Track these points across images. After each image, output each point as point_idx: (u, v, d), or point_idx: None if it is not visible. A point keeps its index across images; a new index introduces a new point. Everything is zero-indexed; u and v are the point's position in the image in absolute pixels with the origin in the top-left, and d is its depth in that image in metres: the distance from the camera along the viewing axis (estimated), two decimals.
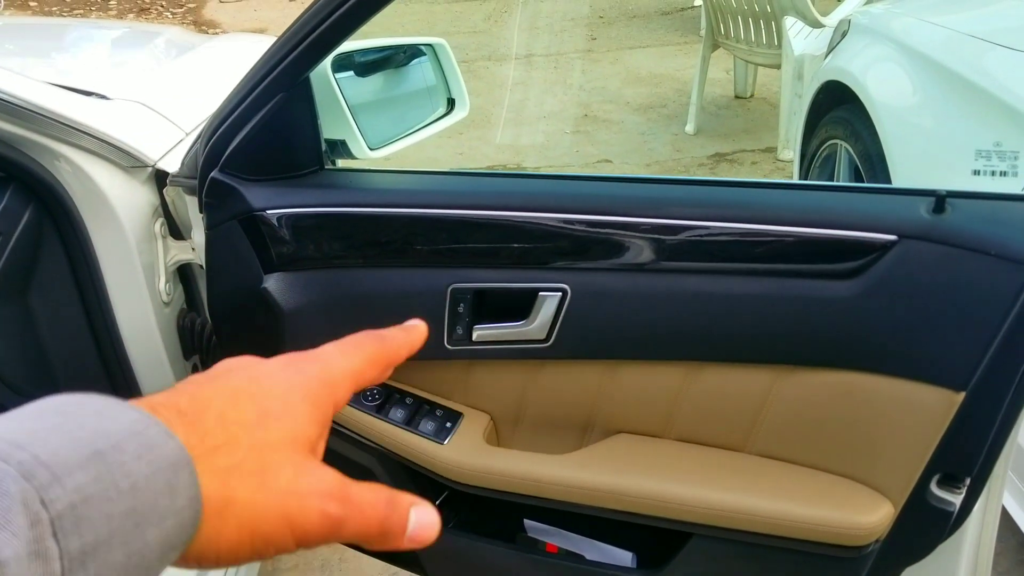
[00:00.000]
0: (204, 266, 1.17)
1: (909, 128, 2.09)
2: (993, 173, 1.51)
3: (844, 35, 2.57)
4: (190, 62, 1.87)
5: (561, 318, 0.98)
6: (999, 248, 0.78)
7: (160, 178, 1.31)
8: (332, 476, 0.41)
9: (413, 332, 0.53)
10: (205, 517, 0.36)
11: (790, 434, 0.96)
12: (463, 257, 1.01)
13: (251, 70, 1.01)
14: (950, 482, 0.94)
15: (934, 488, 0.94)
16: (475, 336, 1.04)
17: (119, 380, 1.40)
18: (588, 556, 1.20)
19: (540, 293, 0.98)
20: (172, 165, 1.29)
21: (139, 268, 1.31)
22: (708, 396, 0.99)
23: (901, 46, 2.24)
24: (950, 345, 0.83)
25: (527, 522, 1.24)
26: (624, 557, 1.19)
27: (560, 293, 0.97)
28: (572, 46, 6.05)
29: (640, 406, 1.04)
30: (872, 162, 2.20)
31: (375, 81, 1.35)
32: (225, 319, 1.16)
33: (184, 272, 1.41)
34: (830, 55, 2.61)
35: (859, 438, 0.92)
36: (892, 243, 0.83)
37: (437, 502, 1.26)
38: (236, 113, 1.03)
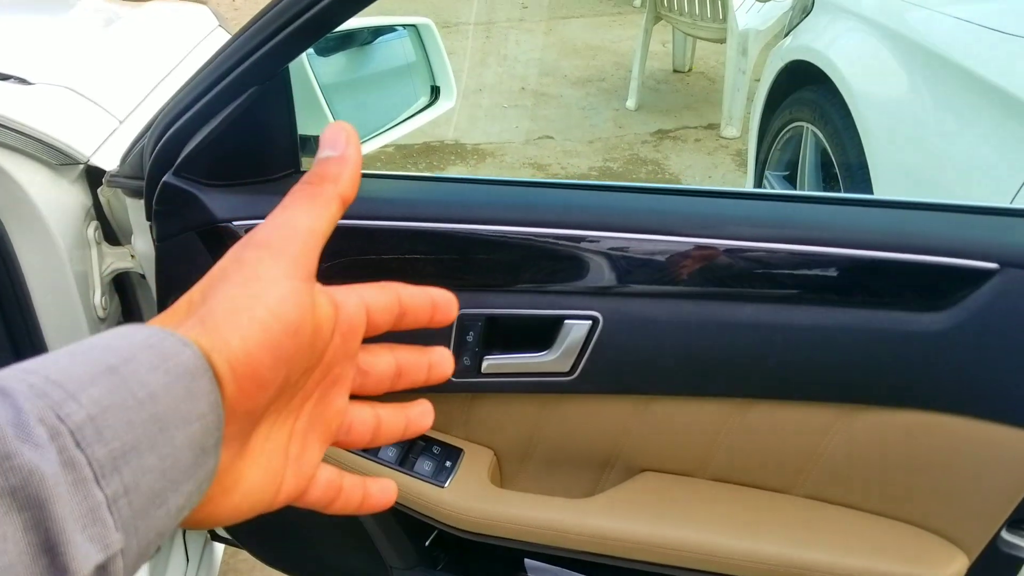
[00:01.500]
0: (153, 283, 1.01)
1: (887, 110, 2.02)
2: None
3: (806, 13, 2.49)
4: (116, 35, 1.66)
5: (591, 349, 0.85)
6: None
7: (93, 176, 1.12)
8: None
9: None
10: (224, 380, 0.37)
11: (849, 477, 0.86)
12: (473, 278, 0.87)
13: (216, 57, 0.84)
14: (1021, 525, 0.86)
15: (1004, 534, 0.85)
16: (484, 367, 0.90)
17: None
18: None
19: (566, 321, 0.85)
20: (107, 161, 1.11)
21: (71, 279, 1.13)
22: (754, 435, 0.87)
23: (873, 24, 2.16)
24: None
25: (528, 562, 1.12)
26: None
27: (590, 321, 0.84)
28: (503, 14, 5.87)
29: (671, 444, 0.92)
30: (844, 145, 2.12)
31: (338, 62, 1.19)
32: None
33: (120, 282, 1.23)
34: (792, 34, 2.52)
35: (934, 484, 0.82)
36: (992, 272, 0.73)
37: (426, 543, 1.12)
38: (196, 108, 0.86)
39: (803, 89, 2.38)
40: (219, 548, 1.51)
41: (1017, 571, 0.87)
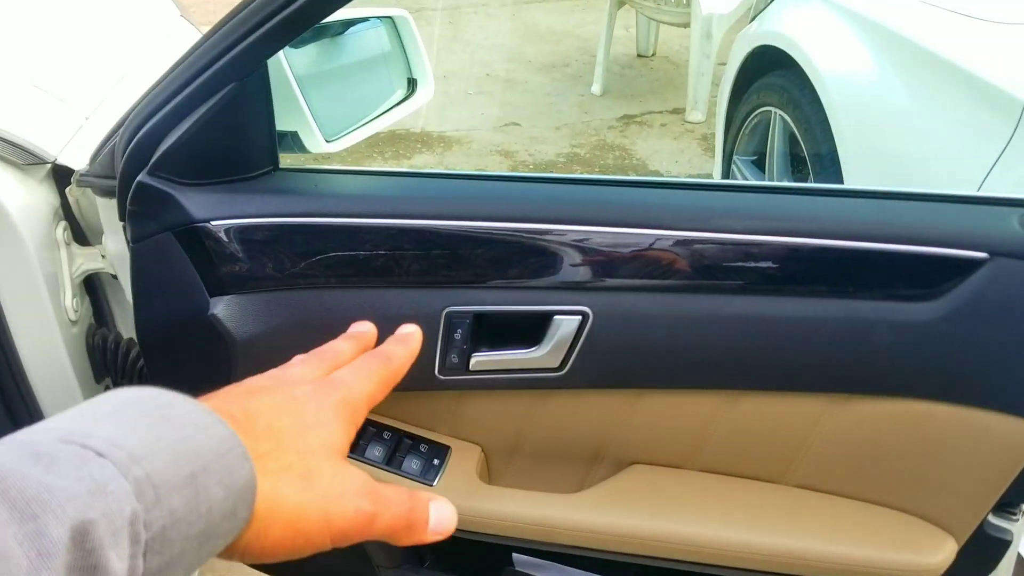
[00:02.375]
0: (126, 283, 0.98)
1: (855, 95, 2.03)
2: None
3: None
4: (77, 29, 1.61)
5: (580, 344, 0.85)
6: None
7: (61, 175, 1.09)
8: (363, 476, 0.45)
9: (411, 342, 0.57)
10: (255, 518, 0.39)
11: (839, 466, 0.86)
12: (461, 275, 0.86)
13: (192, 53, 0.82)
14: (1006, 509, 0.87)
15: (991, 518, 0.87)
16: (472, 364, 0.89)
17: (20, 409, 1.18)
18: None
19: (555, 316, 0.84)
20: (74, 159, 1.08)
21: (40, 281, 1.10)
22: (744, 426, 0.88)
23: (841, 9, 2.17)
24: None
25: (516, 556, 1.11)
26: None
27: (580, 316, 0.84)
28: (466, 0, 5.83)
29: (661, 437, 0.92)
30: (813, 130, 2.14)
31: (311, 53, 1.16)
32: (160, 348, 0.97)
33: (91, 282, 1.20)
34: (758, 18, 2.53)
35: (924, 471, 0.83)
36: (982, 261, 0.73)
37: None
38: (171, 105, 0.84)
39: (770, 74, 2.39)
40: None
41: (1003, 553, 0.88)
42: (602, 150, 3.86)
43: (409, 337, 0.58)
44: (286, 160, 0.97)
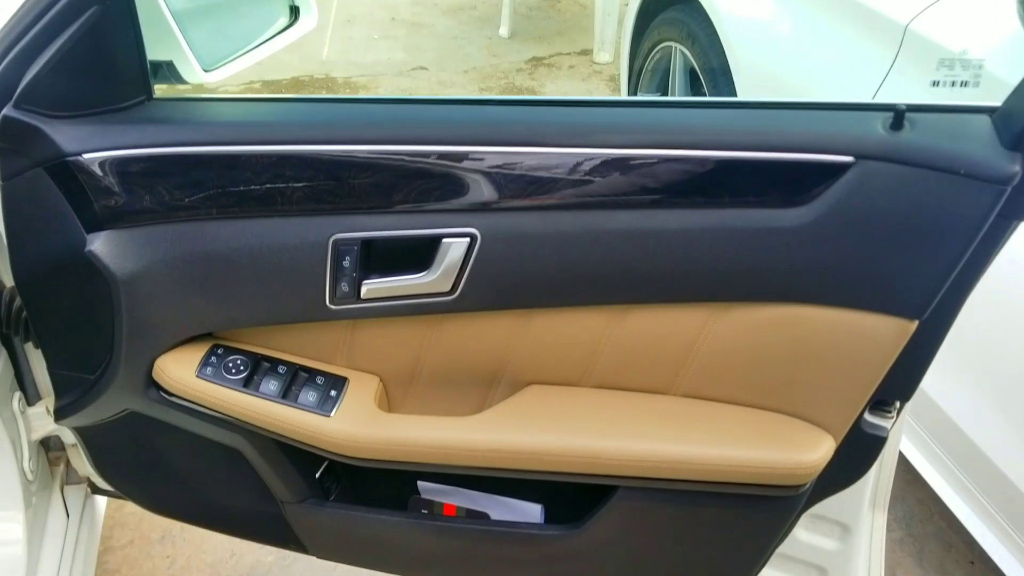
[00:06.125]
0: (3, 227, 0.94)
1: (750, 25, 2.06)
2: (954, 83, 1.49)
3: None
4: None
5: (470, 266, 0.85)
6: (968, 167, 0.72)
7: None
8: None
9: None
10: None
11: (723, 373, 0.89)
12: (346, 202, 0.84)
13: None
14: (881, 407, 0.91)
15: (867, 416, 0.91)
16: (363, 292, 0.89)
17: None
18: (492, 514, 1.11)
19: (444, 240, 0.84)
20: None
21: None
22: (632, 340, 0.89)
23: None
24: (909, 273, 0.77)
25: (420, 483, 1.13)
26: (533, 511, 1.10)
27: (468, 239, 0.84)
28: None
29: (555, 356, 0.93)
30: (711, 63, 2.16)
31: None
32: (37, 292, 0.94)
33: None
34: None
35: (801, 373, 0.86)
36: (848, 165, 0.75)
37: (317, 474, 1.11)
38: (32, 34, 0.80)
39: (670, 9, 2.40)
40: (101, 502, 1.46)
41: (880, 449, 0.92)
42: (511, 93, 3.84)
43: None
44: (177, 91, 0.94)
